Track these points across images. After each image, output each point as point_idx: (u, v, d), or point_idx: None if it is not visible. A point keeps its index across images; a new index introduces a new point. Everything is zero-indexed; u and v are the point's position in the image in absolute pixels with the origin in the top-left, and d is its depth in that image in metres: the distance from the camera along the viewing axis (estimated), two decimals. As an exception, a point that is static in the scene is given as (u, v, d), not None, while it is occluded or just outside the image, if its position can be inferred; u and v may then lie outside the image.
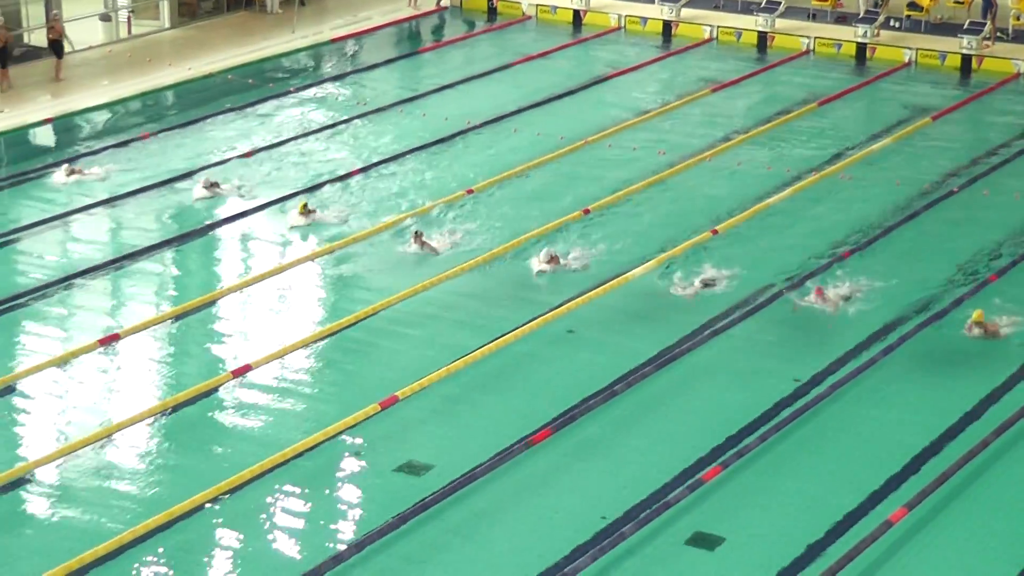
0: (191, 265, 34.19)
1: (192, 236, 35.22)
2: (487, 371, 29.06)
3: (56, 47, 45.95)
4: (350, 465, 26.35)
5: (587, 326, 30.82)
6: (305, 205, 34.93)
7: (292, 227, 34.44)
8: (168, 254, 34.32)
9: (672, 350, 29.57)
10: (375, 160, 40.08)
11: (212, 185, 37.27)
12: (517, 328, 30.40)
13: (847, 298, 31.42)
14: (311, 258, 34.01)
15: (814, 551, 23.39)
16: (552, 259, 32.91)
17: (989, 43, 47.47)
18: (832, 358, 28.89)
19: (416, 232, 33.91)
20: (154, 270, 33.66)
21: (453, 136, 41.80)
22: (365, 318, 31.10)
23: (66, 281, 32.96)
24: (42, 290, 32.50)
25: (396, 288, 32.20)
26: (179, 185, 38.31)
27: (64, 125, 42.95)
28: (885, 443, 26.46)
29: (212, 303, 32.02)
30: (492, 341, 29.81)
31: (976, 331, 29.77)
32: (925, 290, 31.78)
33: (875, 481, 25.17)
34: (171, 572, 23.34)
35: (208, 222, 35.83)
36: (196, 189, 37.45)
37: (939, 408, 27.23)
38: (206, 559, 23.84)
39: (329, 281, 33.13)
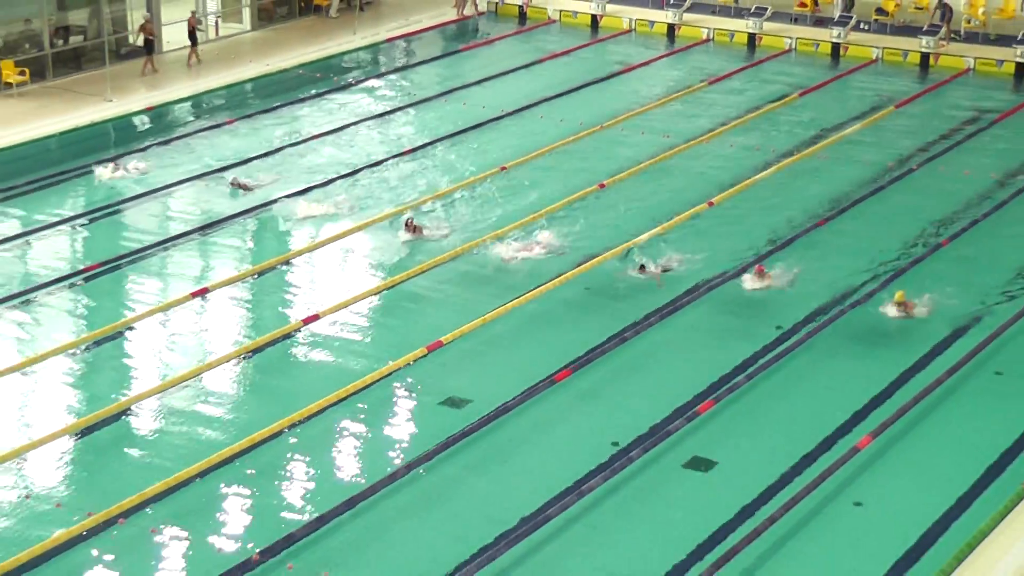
0: (267, 233, 34.27)
1: (264, 208, 35.41)
2: (514, 324, 29.21)
3: (149, 46, 46.12)
4: (403, 398, 26.60)
5: (597, 290, 30.92)
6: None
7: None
8: (248, 224, 34.58)
9: (662, 311, 29.74)
10: (418, 144, 40.18)
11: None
12: (536, 288, 30.60)
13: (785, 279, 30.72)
14: (369, 224, 34.13)
15: (797, 469, 23.77)
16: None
17: (944, 43, 47.41)
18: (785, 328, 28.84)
19: (408, 221, 33.48)
20: (235, 236, 33.90)
21: (489, 121, 41.88)
22: (412, 277, 31.37)
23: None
24: (176, 240, 33.17)
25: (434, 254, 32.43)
26: (261, 162, 38.57)
27: (166, 110, 43.15)
28: (842, 391, 26.71)
29: (287, 263, 32.27)
30: (515, 299, 30.00)
31: (896, 311, 29.00)
32: (861, 272, 31.29)
33: (842, 416, 25.53)
34: (256, 489, 23.64)
35: (286, 191, 36.05)
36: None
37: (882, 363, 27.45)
38: (286, 475, 24.14)
39: (387, 248, 33.07)
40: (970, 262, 32.10)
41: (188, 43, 46.86)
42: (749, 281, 30.40)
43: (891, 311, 28.86)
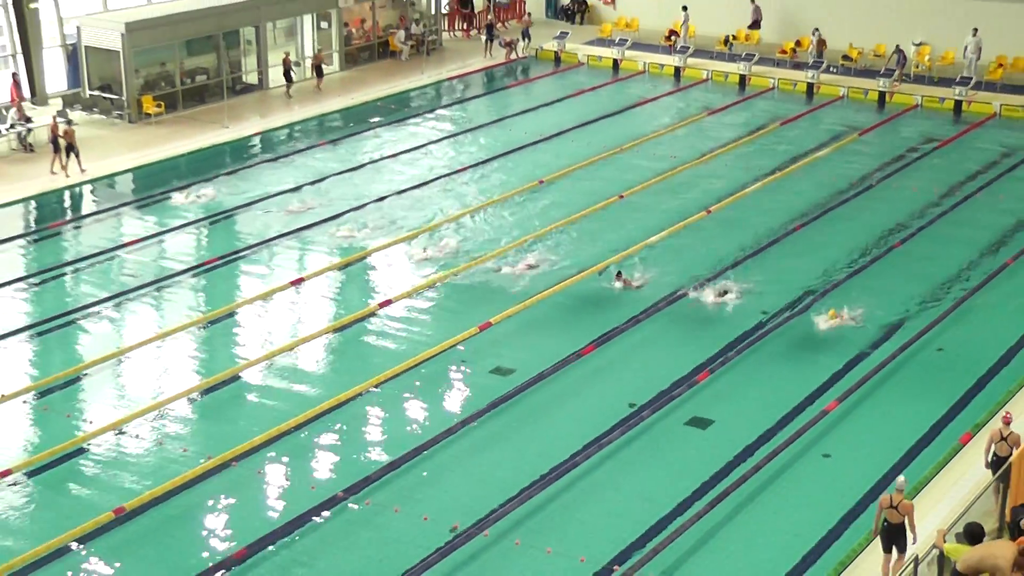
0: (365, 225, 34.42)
1: (346, 211, 35.57)
2: (547, 310, 29.25)
3: (288, 76, 47.33)
4: (460, 367, 26.68)
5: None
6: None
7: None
8: (351, 220, 34.73)
9: (668, 298, 29.81)
10: (473, 162, 40.22)
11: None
12: (566, 279, 30.63)
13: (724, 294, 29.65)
14: (426, 231, 34.26)
15: (778, 427, 23.88)
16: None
17: (898, 83, 47.16)
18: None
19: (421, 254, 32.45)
20: (326, 235, 34.05)
21: (529, 144, 41.89)
22: (467, 269, 31.44)
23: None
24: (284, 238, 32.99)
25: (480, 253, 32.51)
26: (355, 174, 38.76)
27: (271, 135, 43.29)
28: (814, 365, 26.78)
29: (363, 258, 32.36)
30: (546, 290, 30.04)
31: (831, 322, 27.92)
32: (803, 284, 30.44)
33: (813, 386, 25.59)
34: (342, 439, 23.83)
35: (380, 195, 36.27)
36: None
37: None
38: (367, 427, 24.30)
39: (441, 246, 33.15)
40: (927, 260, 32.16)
41: (305, 78, 47.18)
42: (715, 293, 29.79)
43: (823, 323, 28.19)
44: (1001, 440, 20.55)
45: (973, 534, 16.68)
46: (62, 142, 38.08)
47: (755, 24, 53.73)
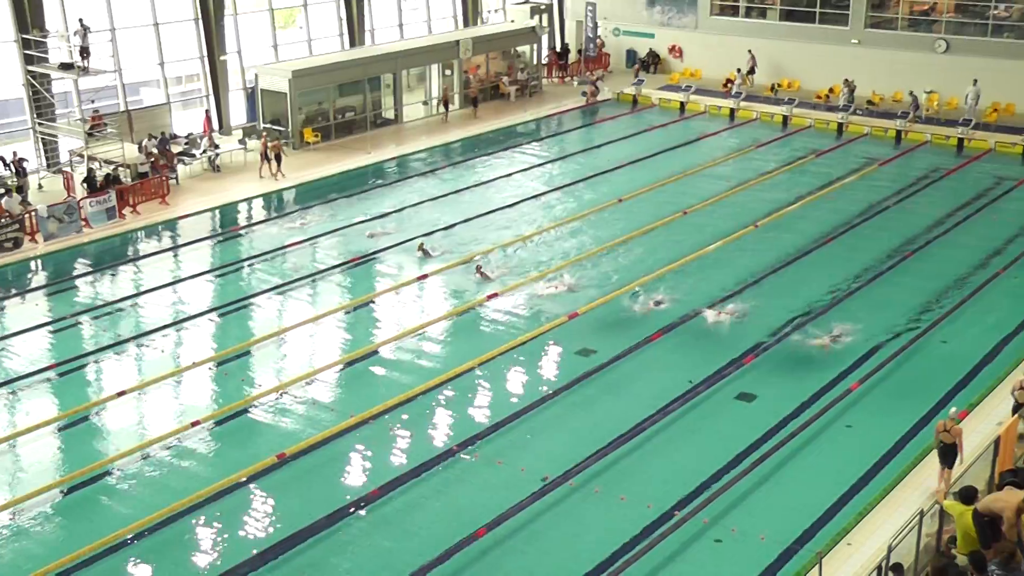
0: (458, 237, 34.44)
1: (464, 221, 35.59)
2: (616, 309, 29.04)
3: (446, 105, 49.06)
4: (552, 349, 26.61)
5: (675, 284, 30.67)
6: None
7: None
8: (468, 227, 34.71)
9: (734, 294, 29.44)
10: (566, 183, 40.11)
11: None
12: (634, 282, 30.39)
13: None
14: (535, 235, 34.12)
15: (810, 401, 23.43)
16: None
17: (912, 123, 46.25)
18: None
19: (478, 267, 31.11)
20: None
21: (610, 170, 41.65)
22: (561, 269, 31.30)
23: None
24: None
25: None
26: (471, 191, 38.83)
27: (404, 160, 43.50)
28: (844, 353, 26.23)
29: (466, 261, 32.35)
30: (623, 287, 29.84)
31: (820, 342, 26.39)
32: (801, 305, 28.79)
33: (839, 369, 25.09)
34: (453, 404, 23.76)
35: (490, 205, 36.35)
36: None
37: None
38: (476, 395, 24.25)
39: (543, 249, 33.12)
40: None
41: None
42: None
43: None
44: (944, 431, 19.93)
45: (967, 495, 16.42)
46: (271, 153, 39.92)
47: (751, 71, 53.75)
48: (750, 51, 53.82)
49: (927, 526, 16.98)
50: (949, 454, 19.53)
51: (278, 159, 40.10)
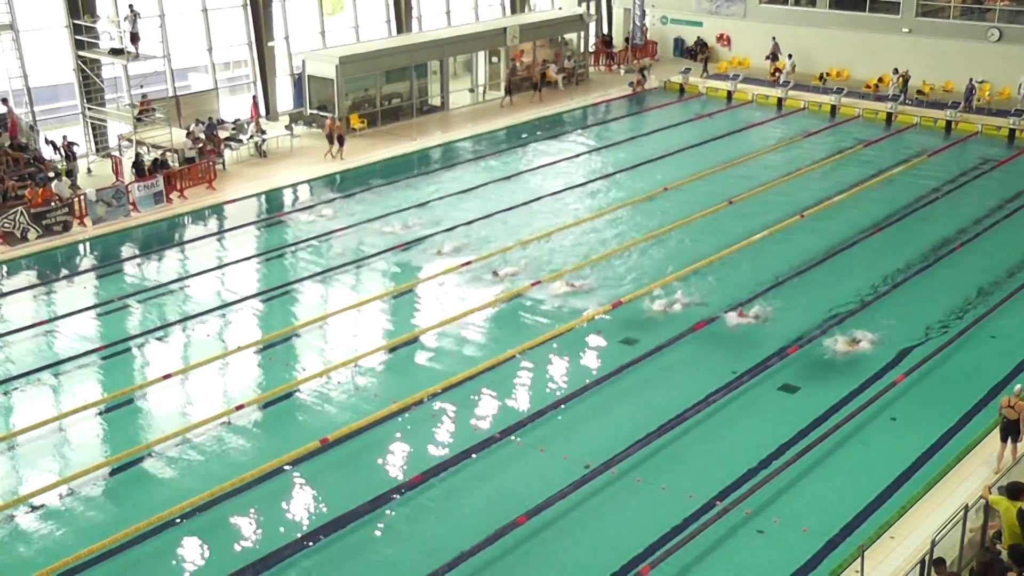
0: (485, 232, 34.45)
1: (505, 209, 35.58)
2: (660, 299, 28.90)
3: (536, 86, 50.30)
4: (594, 338, 26.55)
5: (723, 270, 30.54)
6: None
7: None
8: (516, 214, 34.75)
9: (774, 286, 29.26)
10: (611, 171, 40.07)
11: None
12: (679, 271, 30.30)
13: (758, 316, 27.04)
14: (590, 220, 34.07)
15: (855, 393, 23.25)
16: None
17: (963, 113, 45.71)
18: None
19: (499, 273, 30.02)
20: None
21: (658, 158, 41.53)
22: (606, 259, 31.24)
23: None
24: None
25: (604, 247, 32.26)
26: (518, 178, 38.84)
27: (450, 147, 43.58)
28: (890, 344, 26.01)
29: (505, 250, 32.32)
30: (667, 276, 29.74)
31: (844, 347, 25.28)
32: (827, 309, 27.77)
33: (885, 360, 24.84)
34: (495, 391, 23.77)
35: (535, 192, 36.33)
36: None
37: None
38: (516, 385, 24.23)
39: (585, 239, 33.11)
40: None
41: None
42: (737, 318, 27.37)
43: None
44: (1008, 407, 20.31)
45: (1014, 490, 16.26)
46: (335, 133, 41.01)
47: (773, 56, 53.78)
48: (774, 38, 53.77)
49: (972, 521, 16.83)
50: (1012, 430, 19.97)
51: (340, 141, 41.00)
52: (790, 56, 52.50)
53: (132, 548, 18.51)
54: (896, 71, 49.00)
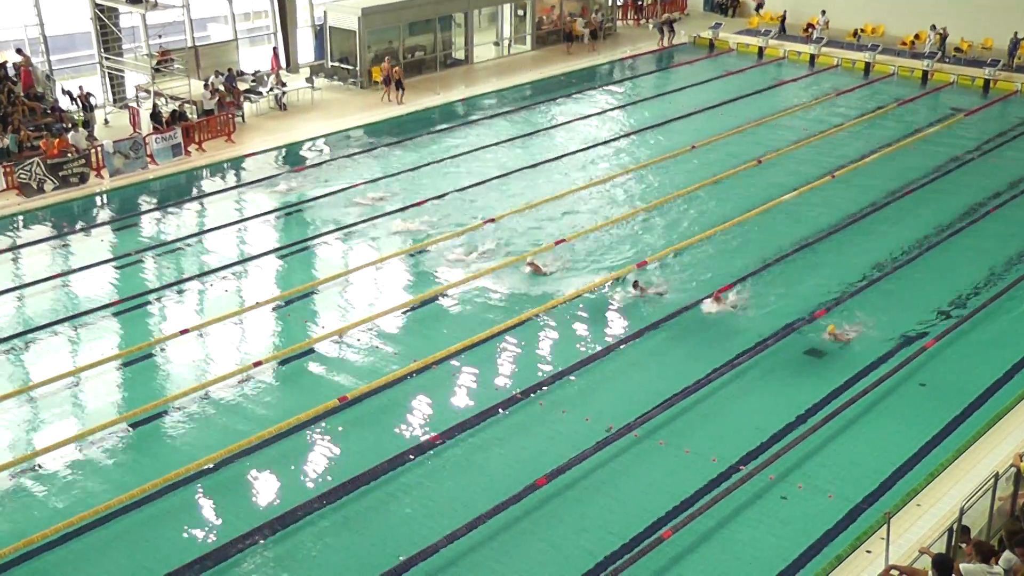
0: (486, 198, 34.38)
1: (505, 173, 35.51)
2: (685, 258, 28.76)
3: (594, 34, 46.48)
4: (619, 296, 26.50)
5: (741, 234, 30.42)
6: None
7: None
8: (552, 168, 34.66)
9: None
10: (638, 128, 40.00)
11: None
12: (706, 231, 30.17)
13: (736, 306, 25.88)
14: (615, 177, 33.93)
15: (879, 362, 23.15)
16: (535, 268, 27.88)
17: (1003, 72, 45.27)
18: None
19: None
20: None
21: (686, 116, 41.38)
22: (629, 218, 31.13)
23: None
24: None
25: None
26: (544, 134, 38.74)
27: (475, 100, 43.48)
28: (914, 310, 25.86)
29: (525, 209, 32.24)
30: (694, 236, 29.63)
31: (829, 338, 24.12)
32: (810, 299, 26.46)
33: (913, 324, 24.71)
34: (517, 351, 23.80)
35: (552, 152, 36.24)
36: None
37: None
38: (539, 345, 24.30)
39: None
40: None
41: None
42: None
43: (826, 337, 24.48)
44: None
45: (1048, 457, 16.23)
46: (393, 77, 42.12)
47: (759, 5, 55.05)
48: None
49: (1001, 489, 16.80)
50: None
51: (399, 85, 41.81)
52: (823, 12, 52.06)
53: (149, 504, 18.69)
54: (933, 27, 48.52)
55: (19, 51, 37.05)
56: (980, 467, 19.02)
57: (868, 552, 17.00)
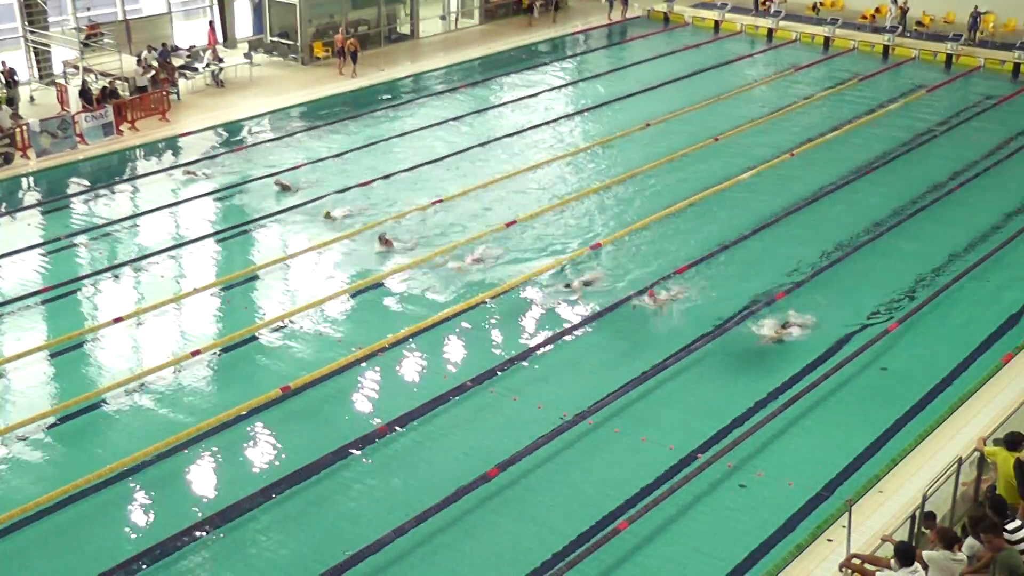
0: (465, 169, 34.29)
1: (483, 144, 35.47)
2: (641, 240, 28.87)
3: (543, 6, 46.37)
4: (572, 281, 26.49)
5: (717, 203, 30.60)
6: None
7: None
8: (503, 144, 34.60)
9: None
10: (591, 105, 40.10)
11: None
12: (662, 211, 30.30)
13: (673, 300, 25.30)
14: (576, 153, 33.95)
15: (838, 346, 23.37)
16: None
17: (965, 47, 45.76)
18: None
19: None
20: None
21: (640, 92, 41.46)
22: (583, 197, 31.19)
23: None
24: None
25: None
26: (492, 112, 38.65)
27: (422, 76, 43.33)
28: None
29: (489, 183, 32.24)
30: (645, 218, 29.73)
31: (769, 335, 23.74)
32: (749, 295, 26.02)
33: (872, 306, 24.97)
34: (466, 338, 23.77)
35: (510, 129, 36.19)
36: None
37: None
38: (489, 332, 24.28)
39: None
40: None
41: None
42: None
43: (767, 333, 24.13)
44: None
45: (1011, 441, 16.36)
46: (348, 50, 42.42)
47: None
48: None
49: (965, 474, 16.99)
50: None
51: (354, 57, 41.97)
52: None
53: (82, 500, 18.46)
54: (894, 1, 48.92)
55: (-62, 25, 36.49)
56: (943, 453, 19.21)
57: (829, 540, 17.13)
